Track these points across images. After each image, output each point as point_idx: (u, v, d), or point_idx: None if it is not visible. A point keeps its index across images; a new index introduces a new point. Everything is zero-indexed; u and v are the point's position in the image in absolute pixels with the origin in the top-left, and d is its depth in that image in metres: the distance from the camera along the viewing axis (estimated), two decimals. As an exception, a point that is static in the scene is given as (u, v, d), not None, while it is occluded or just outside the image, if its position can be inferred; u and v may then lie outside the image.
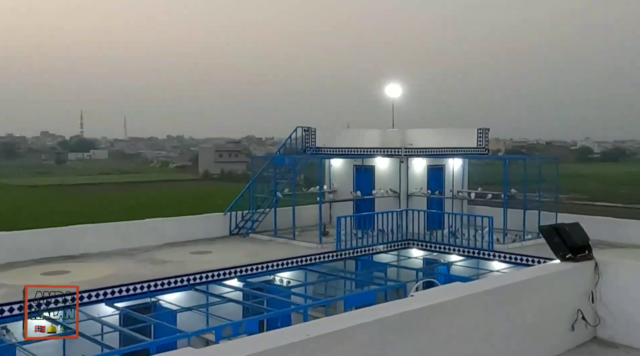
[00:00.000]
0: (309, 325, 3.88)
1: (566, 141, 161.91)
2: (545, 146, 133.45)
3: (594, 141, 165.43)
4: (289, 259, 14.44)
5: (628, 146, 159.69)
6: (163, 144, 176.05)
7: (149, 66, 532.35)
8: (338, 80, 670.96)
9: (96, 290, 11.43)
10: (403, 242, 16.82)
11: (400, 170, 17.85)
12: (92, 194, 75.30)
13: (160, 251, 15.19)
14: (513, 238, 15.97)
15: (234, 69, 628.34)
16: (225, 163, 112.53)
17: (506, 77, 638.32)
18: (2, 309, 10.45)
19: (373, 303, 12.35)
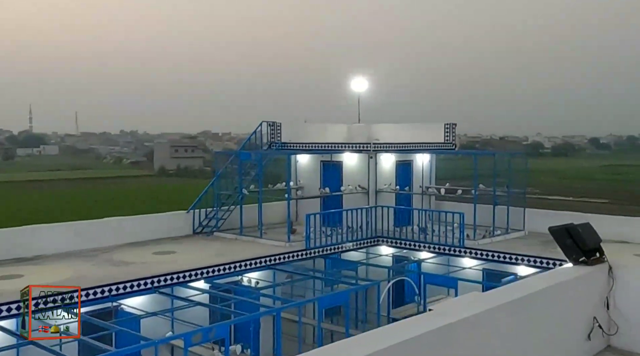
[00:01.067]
0: (339, 346, 3.42)
1: (518, 136, 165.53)
2: (499, 141, 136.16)
3: (544, 136, 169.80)
4: (257, 259, 13.92)
5: (577, 141, 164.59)
6: (116, 140, 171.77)
7: (100, 59, 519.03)
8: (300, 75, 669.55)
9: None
10: (372, 239, 16.51)
11: (369, 166, 17.53)
12: (43, 191, 72.70)
13: (121, 252, 14.44)
14: (483, 234, 15.85)
15: (188, 63, 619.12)
16: (181, 159, 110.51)
17: (463, 74, 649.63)
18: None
19: (346, 303, 11.99)
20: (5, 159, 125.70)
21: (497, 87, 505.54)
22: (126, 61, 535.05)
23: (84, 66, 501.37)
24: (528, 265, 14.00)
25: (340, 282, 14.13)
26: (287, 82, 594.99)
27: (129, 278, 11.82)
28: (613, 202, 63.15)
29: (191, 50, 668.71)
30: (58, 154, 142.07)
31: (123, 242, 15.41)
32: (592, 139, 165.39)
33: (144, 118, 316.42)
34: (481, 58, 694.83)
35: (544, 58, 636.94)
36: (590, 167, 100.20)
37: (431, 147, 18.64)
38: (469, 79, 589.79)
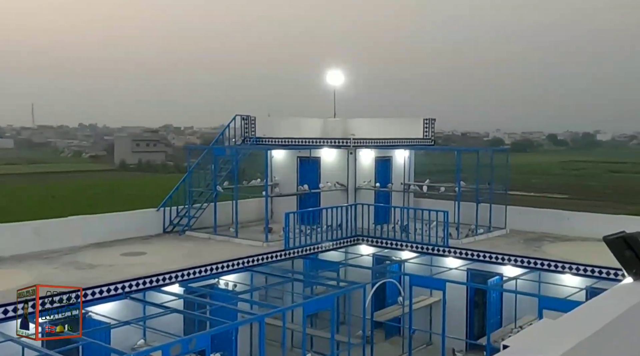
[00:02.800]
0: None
1: (479, 133, 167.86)
2: (461, 137, 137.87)
3: (504, 133, 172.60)
4: (234, 261, 13.15)
5: (535, 137, 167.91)
6: (75, 133, 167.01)
7: (57, 49, 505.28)
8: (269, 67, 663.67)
9: (12, 304, 9.70)
10: (352, 238, 15.90)
11: (348, 162, 16.90)
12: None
13: (86, 253, 13.46)
14: (466, 233, 15.42)
15: (148, 54, 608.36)
16: (143, 153, 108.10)
17: (422, 69, 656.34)
18: None
19: (332, 307, 11.36)
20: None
21: (456, 83, 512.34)
22: (84, 51, 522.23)
23: (39, 56, 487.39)
24: (515, 265, 13.61)
25: (321, 284, 13.50)
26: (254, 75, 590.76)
27: (96, 282, 10.92)
28: (572, 197, 64.41)
29: (151, 41, 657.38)
30: (13, 147, 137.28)
31: (87, 242, 14.41)
32: (550, 135, 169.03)
33: (104, 111, 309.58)
34: (441, 54, 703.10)
35: (503, 55, 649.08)
36: (549, 163, 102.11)
37: (410, 142, 18.15)
38: (427, 75, 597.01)
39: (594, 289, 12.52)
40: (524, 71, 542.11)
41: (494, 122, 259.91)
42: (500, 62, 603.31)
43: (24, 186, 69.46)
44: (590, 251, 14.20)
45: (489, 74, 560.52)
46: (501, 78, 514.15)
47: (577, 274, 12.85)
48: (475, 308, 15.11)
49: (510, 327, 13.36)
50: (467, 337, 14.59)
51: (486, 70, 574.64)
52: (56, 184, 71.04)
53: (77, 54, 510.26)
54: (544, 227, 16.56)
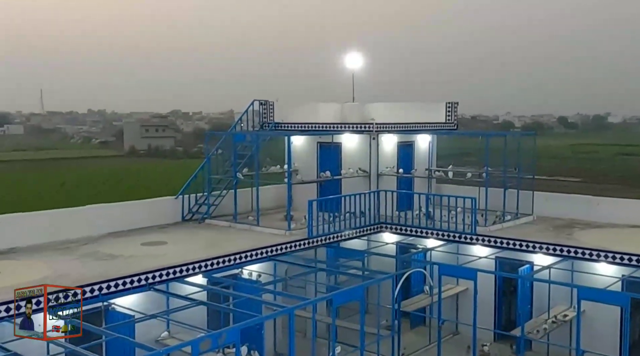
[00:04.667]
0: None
1: (489, 116, 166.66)
2: (470, 120, 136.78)
3: (514, 116, 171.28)
4: (257, 250, 12.78)
5: (545, 120, 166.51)
6: (84, 119, 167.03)
7: (64, 36, 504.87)
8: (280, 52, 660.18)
9: (36, 297, 9.38)
10: (375, 226, 15.50)
11: (370, 147, 16.45)
12: (8, 172, 69.92)
13: (104, 244, 13.13)
14: (494, 220, 14.98)
15: (156, 40, 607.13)
16: (152, 139, 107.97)
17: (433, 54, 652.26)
18: None
19: (361, 298, 11.00)
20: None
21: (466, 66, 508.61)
22: (92, 37, 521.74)
23: (48, 43, 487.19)
24: (546, 254, 13.18)
25: (346, 274, 13.13)
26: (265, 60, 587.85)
27: (118, 273, 10.59)
28: (585, 181, 63.74)
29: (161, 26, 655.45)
30: (23, 134, 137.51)
31: (105, 232, 14.09)
32: (561, 118, 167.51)
33: (112, 97, 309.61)
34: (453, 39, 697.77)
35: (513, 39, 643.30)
36: (559, 146, 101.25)
37: (433, 127, 17.67)
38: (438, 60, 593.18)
39: (631, 279, 12.11)
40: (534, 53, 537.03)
41: (504, 105, 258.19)
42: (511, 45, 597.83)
43: (34, 173, 69.50)
44: (624, 238, 13.78)
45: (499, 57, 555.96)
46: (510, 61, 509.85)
47: (613, 263, 12.41)
48: (503, 298, 14.73)
49: (544, 318, 12.97)
50: (495, 327, 14.22)
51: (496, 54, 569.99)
52: (66, 171, 71.04)
53: (84, 39, 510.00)
54: (572, 213, 16.10)
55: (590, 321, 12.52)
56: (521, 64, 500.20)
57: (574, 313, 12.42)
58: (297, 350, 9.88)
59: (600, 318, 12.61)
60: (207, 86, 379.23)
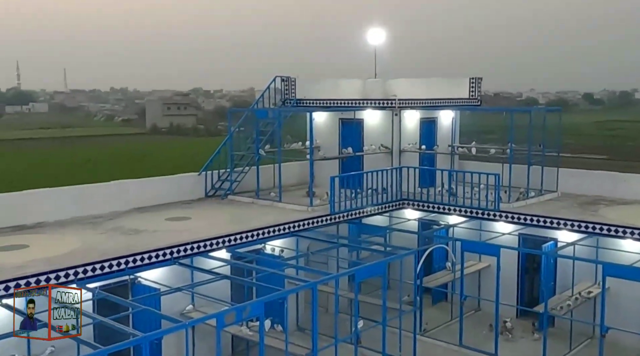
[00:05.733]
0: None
1: (512, 93, 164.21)
2: (493, 98, 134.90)
3: (538, 92, 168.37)
4: (280, 226, 12.87)
5: (570, 96, 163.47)
6: (106, 97, 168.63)
7: (87, 14, 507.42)
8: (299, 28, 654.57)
9: (65, 269, 9.61)
10: (397, 202, 15.48)
11: (393, 124, 16.36)
12: (35, 149, 71.08)
13: (129, 219, 13.32)
14: (517, 196, 14.85)
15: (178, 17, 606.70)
16: (173, 116, 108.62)
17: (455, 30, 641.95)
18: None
19: (384, 274, 11.05)
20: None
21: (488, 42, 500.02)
22: (114, 15, 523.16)
23: (71, 22, 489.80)
24: (571, 230, 13.06)
25: (368, 250, 13.17)
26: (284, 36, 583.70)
27: (143, 248, 10.76)
28: (611, 158, 62.66)
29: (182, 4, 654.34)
30: (47, 111, 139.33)
31: (129, 207, 14.29)
32: (586, 94, 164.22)
33: (134, 75, 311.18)
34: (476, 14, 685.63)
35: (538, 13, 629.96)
36: (583, 123, 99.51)
37: (456, 103, 17.47)
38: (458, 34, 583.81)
39: (657, 256, 11.96)
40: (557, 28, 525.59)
41: (527, 82, 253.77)
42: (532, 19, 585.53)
43: (59, 150, 70.54)
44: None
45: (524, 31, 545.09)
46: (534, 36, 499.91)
47: (639, 240, 12.26)
48: (526, 275, 14.67)
49: (567, 294, 12.90)
50: (518, 304, 14.20)
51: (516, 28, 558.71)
52: (91, 148, 71.95)
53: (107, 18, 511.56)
54: (598, 190, 15.90)
55: (615, 298, 12.43)
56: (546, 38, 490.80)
57: (598, 290, 12.33)
58: (319, 324, 10.00)
59: (626, 295, 12.50)
60: (228, 64, 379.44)
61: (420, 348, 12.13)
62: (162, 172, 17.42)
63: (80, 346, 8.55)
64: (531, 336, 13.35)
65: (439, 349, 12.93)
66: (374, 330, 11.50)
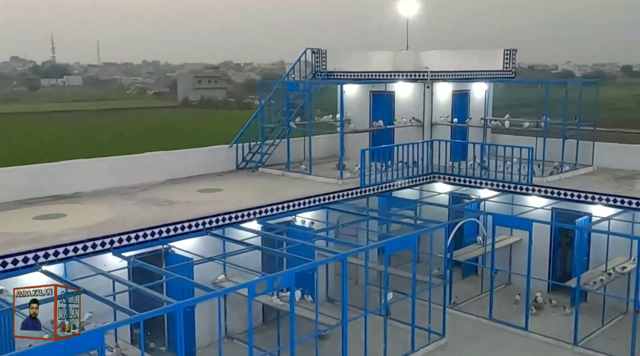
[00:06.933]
0: None
1: (547, 65, 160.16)
2: (528, 70, 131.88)
3: (574, 65, 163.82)
4: (310, 198, 12.94)
5: (607, 69, 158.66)
6: (138, 70, 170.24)
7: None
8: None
9: (101, 238, 9.86)
10: (428, 176, 15.39)
11: (424, 96, 16.17)
12: (70, 122, 72.44)
13: (162, 190, 13.54)
14: (551, 170, 14.62)
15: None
16: (204, 90, 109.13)
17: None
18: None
19: (414, 247, 11.06)
20: (30, 90, 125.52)
21: (523, 13, 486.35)
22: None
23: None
24: (606, 205, 12.83)
25: (398, 223, 13.18)
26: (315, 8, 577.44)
27: (177, 218, 10.95)
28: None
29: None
30: (81, 84, 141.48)
31: (162, 179, 14.52)
32: (625, 67, 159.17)
33: (165, 48, 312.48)
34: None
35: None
36: (622, 97, 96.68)
37: (490, 75, 17.16)
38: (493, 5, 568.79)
39: (695, 232, 11.69)
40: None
41: (563, 54, 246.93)
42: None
43: (94, 123, 71.72)
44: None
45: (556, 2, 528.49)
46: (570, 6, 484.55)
47: (677, 215, 11.99)
48: (558, 249, 14.51)
49: (601, 269, 12.73)
50: (549, 279, 14.09)
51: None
52: (124, 121, 72.97)
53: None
54: (635, 164, 15.54)
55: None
56: (584, 8, 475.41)
57: (633, 265, 12.15)
58: (349, 296, 10.11)
59: (661, 271, 12.27)
60: (258, 37, 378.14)
61: (449, 321, 12.17)
62: (193, 145, 17.59)
63: (117, 312, 8.81)
64: (562, 311, 13.27)
65: (469, 322, 12.95)
66: (403, 302, 11.58)
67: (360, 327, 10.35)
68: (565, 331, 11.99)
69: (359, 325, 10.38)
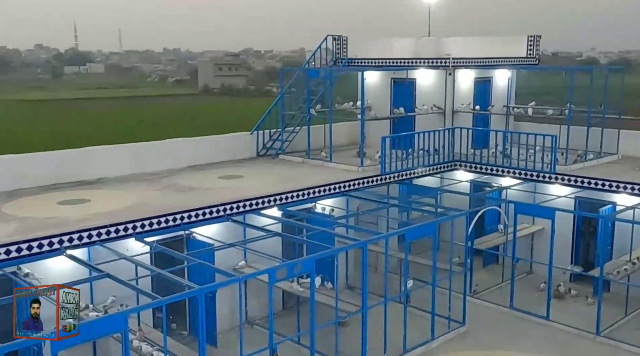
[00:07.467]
0: None
1: (571, 52, 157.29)
2: (551, 57, 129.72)
3: (599, 52, 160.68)
4: (330, 185, 12.94)
5: (633, 56, 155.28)
6: (159, 58, 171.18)
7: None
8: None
9: (124, 223, 9.98)
10: (449, 164, 15.29)
11: (446, 83, 16.02)
12: (93, 109, 73.23)
13: (183, 176, 13.64)
14: (575, 159, 14.43)
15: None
16: (224, 77, 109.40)
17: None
18: (20, 247, 9.00)
19: (434, 234, 11.02)
20: (54, 77, 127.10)
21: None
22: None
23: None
24: (631, 194, 12.63)
25: (419, 210, 13.12)
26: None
27: (198, 204, 11.04)
28: (676, 121, 59.76)
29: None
30: (103, 72, 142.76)
31: (183, 165, 14.62)
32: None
33: (186, 36, 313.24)
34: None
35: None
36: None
37: (513, 62, 16.92)
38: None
39: None
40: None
41: (588, 40, 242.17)
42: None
43: (115, 110, 72.40)
44: None
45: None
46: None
47: None
48: (581, 238, 14.34)
49: (624, 259, 12.57)
50: (572, 268, 13.93)
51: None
52: (146, 108, 73.53)
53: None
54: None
55: (676, 264, 12.03)
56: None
57: (657, 256, 11.97)
58: (369, 283, 10.12)
59: (686, 262, 12.08)
60: (278, 24, 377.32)
61: (469, 309, 12.13)
62: (214, 132, 17.68)
63: (140, 296, 8.93)
64: (584, 300, 13.14)
65: (489, 310, 12.90)
66: (423, 290, 11.57)
67: (380, 314, 10.37)
68: (587, 321, 11.88)
69: (378, 312, 10.40)
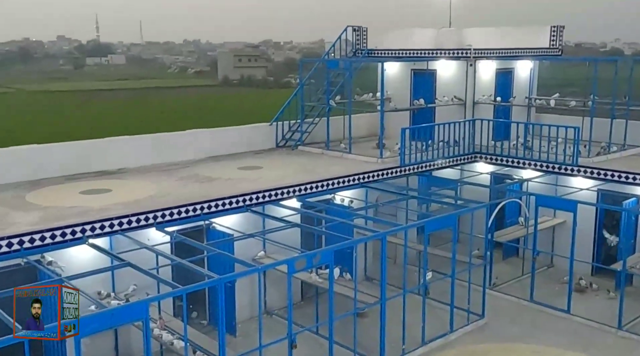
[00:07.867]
0: None
1: (595, 43, 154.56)
2: (574, 48, 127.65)
3: (624, 43, 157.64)
4: (349, 177, 12.92)
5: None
6: (180, 49, 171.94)
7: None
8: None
9: (145, 213, 10.08)
10: (469, 155, 15.17)
11: (467, 75, 15.87)
12: (114, 100, 73.90)
13: (203, 167, 13.73)
14: (598, 151, 14.22)
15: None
16: (244, 68, 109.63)
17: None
18: (43, 236, 9.14)
19: (453, 226, 10.96)
20: (76, 68, 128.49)
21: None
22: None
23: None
24: (655, 187, 12.43)
25: (438, 202, 13.06)
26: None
27: (218, 195, 11.10)
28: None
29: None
30: (125, 63, 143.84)
31: (204, 156, 14.71)
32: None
33: (206, 27, 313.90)
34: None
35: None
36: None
37: (535, 53, 16.69)
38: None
39: None
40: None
41: (612, 31, 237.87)
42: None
43: (137, 101, 72.98)
44: None
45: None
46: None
47: None
48: (603, 232, 14.15)
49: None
50: (594, 261, 13.78)
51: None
52: (166, 99, 74.04)
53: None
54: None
55: (700, 259, 11.84)
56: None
57: (681, 250, 11.78)
58: (387, 275, 10.11)
59: None
60: (298, 15, 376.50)
61: (489, 302, 12.06)
62: (233, 123, 17.75)
63: (160, 285, 9.02)
64: (606, 294, 12.99)
65: (509, 303, 12.81)
66: (442, 282, 11.53)
67: (398, 306, 10.36)
68: (608, 315, 11.75)
69: (397, 303, 10.39)
